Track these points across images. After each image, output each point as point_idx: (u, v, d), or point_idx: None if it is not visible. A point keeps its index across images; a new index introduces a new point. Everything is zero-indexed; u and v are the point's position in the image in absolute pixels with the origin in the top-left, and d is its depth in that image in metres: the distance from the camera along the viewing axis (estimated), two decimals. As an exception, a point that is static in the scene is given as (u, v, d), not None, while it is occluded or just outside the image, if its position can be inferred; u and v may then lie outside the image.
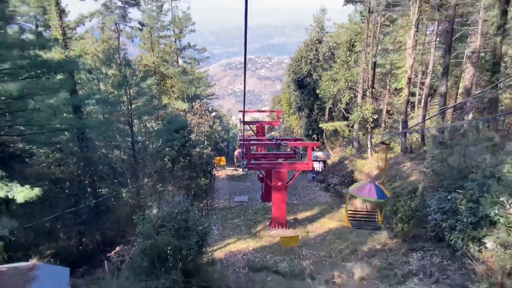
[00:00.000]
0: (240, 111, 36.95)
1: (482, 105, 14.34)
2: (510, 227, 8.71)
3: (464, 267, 10.70)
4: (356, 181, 25.36)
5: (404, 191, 15.58)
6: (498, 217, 8.83)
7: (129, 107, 17.80)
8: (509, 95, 15.78)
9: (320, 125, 36.29)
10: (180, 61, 39.92)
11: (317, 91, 34.06)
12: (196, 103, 29.87)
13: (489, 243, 8.86)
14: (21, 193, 11.10)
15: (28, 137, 16.34)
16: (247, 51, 5.06)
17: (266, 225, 20.71)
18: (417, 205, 13.33)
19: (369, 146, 26.38)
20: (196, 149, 25.17)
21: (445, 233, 10.75)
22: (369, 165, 24.18)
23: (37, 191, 11.30)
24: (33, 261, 13.45)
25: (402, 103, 23.18)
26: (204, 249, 12.51)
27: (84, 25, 33.95)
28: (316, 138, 37.75)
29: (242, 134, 24.71)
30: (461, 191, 10.37)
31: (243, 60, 6.33)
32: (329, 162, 31.06)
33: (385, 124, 29.15)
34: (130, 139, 18.91)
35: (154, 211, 11.99)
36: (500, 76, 13.63)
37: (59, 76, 14.60)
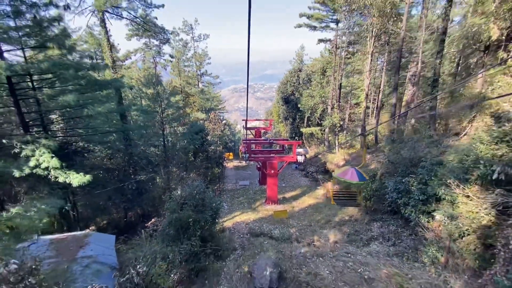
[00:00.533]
0: (243, 120, 36.23)
1: (425, 112, 13.47)
2: (454, 203, 7.86)
3: (415, 234, 9.84)
4: (328, 170, 24.51)
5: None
6: (444, 195, 7.97)
7: (161, 115, 16.88)
8: (443, 103, 14.92)
9: (301, 130, 35.45)
10: (200, 85, 39.06)
11: (299, 105, 33.31)
12: (211, 113, 28.96)
13: (438, 216, 8.00)
14: (76, 178, 10.19)
15: (86, 137, 15.55)
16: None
17: (263, 202, 19.83)
18: (377, 186, 12.48)
19: (336, 144, 25.50)
20: (212, 147, 24.29)
21: (400, 208, 9.88)
22: (337, 158, 23.31)
23: (88, 177, 10.40)
24: (87, 230, 12.51)
25: (362, 112, 22.34)
26: (217, 220, 11.74)
27: (131, 58, 33.15)
28: (297, 139, 36.95)
29: (245, 136, 23.94)
30: (413, 176, 9.52)
31: (245, 85, 6.05)
32: (308, 156, 30.23)
33: (347, 128, 28.30)
34: (162, 139, 17.98)
35: (179, 192, 11.08)
36: (438, 90, 12.82)
37: (108, 91, 13.70)
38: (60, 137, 15.52)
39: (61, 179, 10.14)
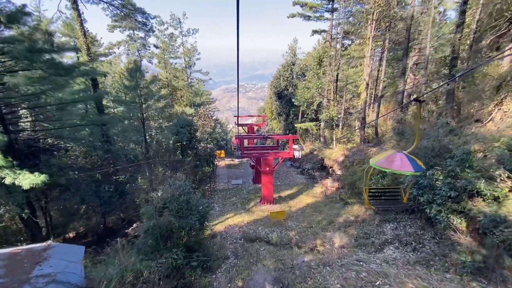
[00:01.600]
0: (234, 116, 34.43)
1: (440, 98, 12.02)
2: (497, 200, 6.24)
3: (440, 237, 8.20)
4: (325, 166, 22.81)
5: (374, 171, 13.03)
6: (486, 190, 6.33)
7: (141, 105, 14.81)
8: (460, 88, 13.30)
9: (295, 125, 33.74)
10: (189, 81, 36.89)
11: (293, 100, 31.63)
12: (201, 108, 26.95)
13: (480, 216, 6.36)
14: (27, 179, 8.10)
15: (54, 132, 13.40)
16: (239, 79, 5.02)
17: (257, 202, 18.06)
18: (388, 182, 10.84)
19: (334, 139, 23.90)
20: (201, 144, 22.33)
21: (424, 206, 8.20)
22: (336, 153, 21.72)
23: (43, 177, 8.32)
24: (49, 241, 10.38)
25: (362, 103, 20.72)
26: (205, 224, 9.76)
27: (115, 53, 30.76)
28: (292, 136, 35.33)
29: (238, 133, 22.17)
30: (439, 168, 7.85)
31: (236, 85, 5.82)
32: (303, 153, 28.58)
33: (342, 122, 26.71)
34: (143, 134, 15.89)
35: (159, 193, 9.12)
36: (459, 70, 11.30)
37: (73, 76, 11.59)
38: (28, 131, 13.36)
39: (8, 180, 8.05)
